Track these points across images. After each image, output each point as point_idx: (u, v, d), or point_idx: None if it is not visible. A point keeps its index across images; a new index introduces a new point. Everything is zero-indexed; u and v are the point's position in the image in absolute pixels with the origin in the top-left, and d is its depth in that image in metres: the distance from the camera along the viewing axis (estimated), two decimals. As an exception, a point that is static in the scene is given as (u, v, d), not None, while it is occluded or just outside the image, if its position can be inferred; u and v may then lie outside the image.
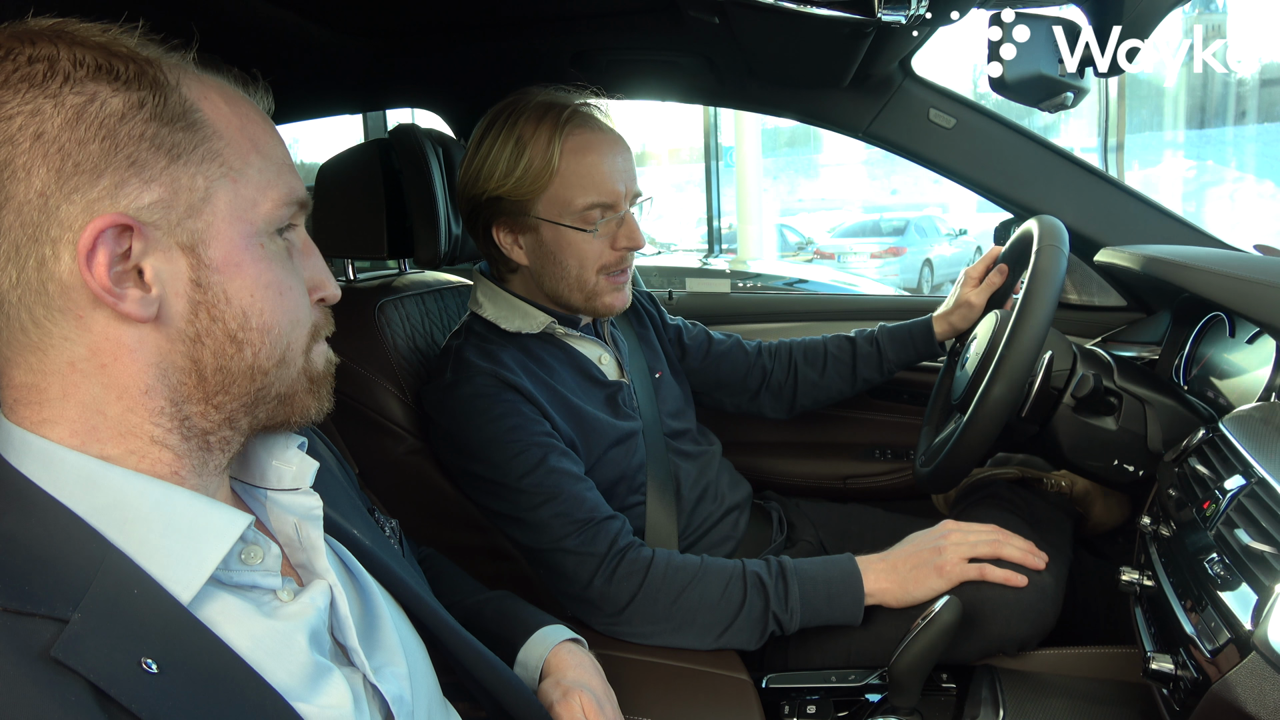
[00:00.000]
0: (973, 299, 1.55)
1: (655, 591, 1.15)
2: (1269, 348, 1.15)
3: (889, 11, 1.09)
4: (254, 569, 0.61)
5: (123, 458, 0.57)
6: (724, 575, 1.16)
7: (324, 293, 0.68)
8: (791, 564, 1.18)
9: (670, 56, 1.64)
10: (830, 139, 8.36)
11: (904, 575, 1.17)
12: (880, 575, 1.18)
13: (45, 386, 0.56)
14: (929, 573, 1.16)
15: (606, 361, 1.40)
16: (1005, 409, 1.15)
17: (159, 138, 0.56)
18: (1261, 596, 0.78)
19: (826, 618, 1.17)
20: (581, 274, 1.28)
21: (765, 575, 1.16)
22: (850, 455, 1.95)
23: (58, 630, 0.48)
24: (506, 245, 1.30)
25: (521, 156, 1.22)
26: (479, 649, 0.81)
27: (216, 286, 0.58)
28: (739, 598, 1.15)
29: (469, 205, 1.30)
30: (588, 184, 1.24)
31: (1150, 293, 1.70)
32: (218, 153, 0.59)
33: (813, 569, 1.18)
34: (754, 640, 1.16)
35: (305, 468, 0.68)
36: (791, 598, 1.15)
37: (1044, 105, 1.37)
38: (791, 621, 1.15)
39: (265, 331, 0.61)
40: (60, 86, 0.53)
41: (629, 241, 1.28)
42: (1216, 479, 0.97)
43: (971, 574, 1.16)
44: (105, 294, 0.54)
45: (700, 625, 1.15)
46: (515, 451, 1.19)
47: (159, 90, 0.56)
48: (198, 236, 0.57)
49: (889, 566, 1.18)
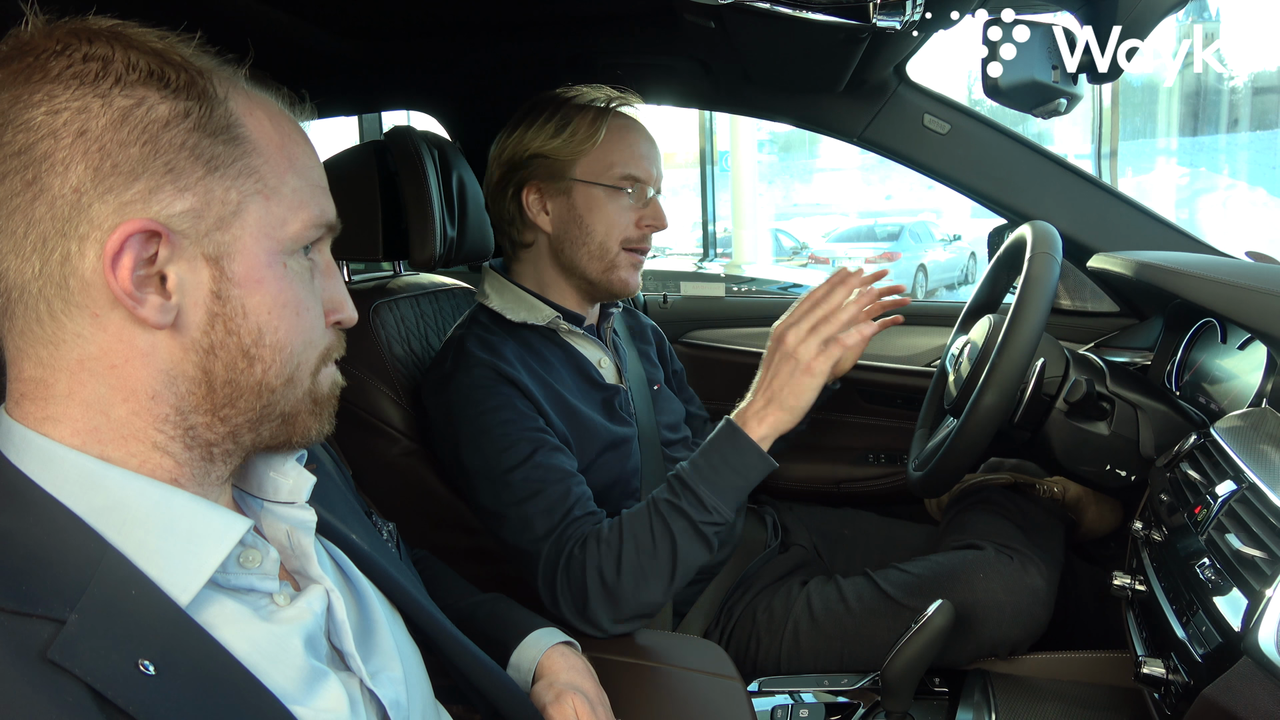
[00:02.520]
0: None
1: (599, 572, 1.11)
2: (1260, 354, 1.15)
3: (884, 17, 1.10)
4: (251, 572, 0.61)
5: (124, 460, 0.57)
6: (643, 521, 1.13)
7: (340, 315, 0.68)
8: (688, 470, 1.13)
9: (666, 60, 1.65)
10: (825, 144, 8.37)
11: (780, 397, 1.13)
12: (760, 415, 1.13)
13: (52, 382, 0.56)
14: (800, 378, 1.12)
15: (606, 365, 1.40)
16: (998, 414, 1.15)
17: (199, 148, 0.56)
18: (1252, 601, 0.79)
19: (746, 486, 1.13)
20: (606, 241, 1.32)
21: (673, 497, 1.12)
22: (844, 459, 1.95)
23: (55, 631, 0.47)
24: (534, 209, 1.33)
25: (568, 124, 1.30)
26: (474, 652, 0.81)
27: (236, 300, 0.58)
28: (665, 531, 1.11)
29: (504, 168, 1.34)
30: (627, 156, 1.32)
31: (1143, 298, 1.71)
32: (255, 169, 0.59)
33: (705, 458, 1.13)
34: (706, 552, 1.13)
35: (302, 482, 0.68)
36: (705, 498, 1.11)
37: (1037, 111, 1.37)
38: (720, 513, 1.11)
39: (278, 349, 0.61)
40: (111, 87, 0.54)
41: (654, 220, 1.35)
42: (1208, 484, 0.97)
43: (834, 353, 1.11)
44: (126, 297, 0.54)
45: (656, 574, 1.11)
46: (505, 444, 1.19)
47: (206, 101, 0.57)
48: (224, 249, 0.57)
49: (762, 401, 1.14)
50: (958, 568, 1.30)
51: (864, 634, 1.25)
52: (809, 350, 1.12)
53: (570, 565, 1.13)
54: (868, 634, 1.25)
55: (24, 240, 0.53)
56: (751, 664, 1.29)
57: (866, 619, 1.24)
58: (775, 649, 1.29)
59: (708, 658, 1.16)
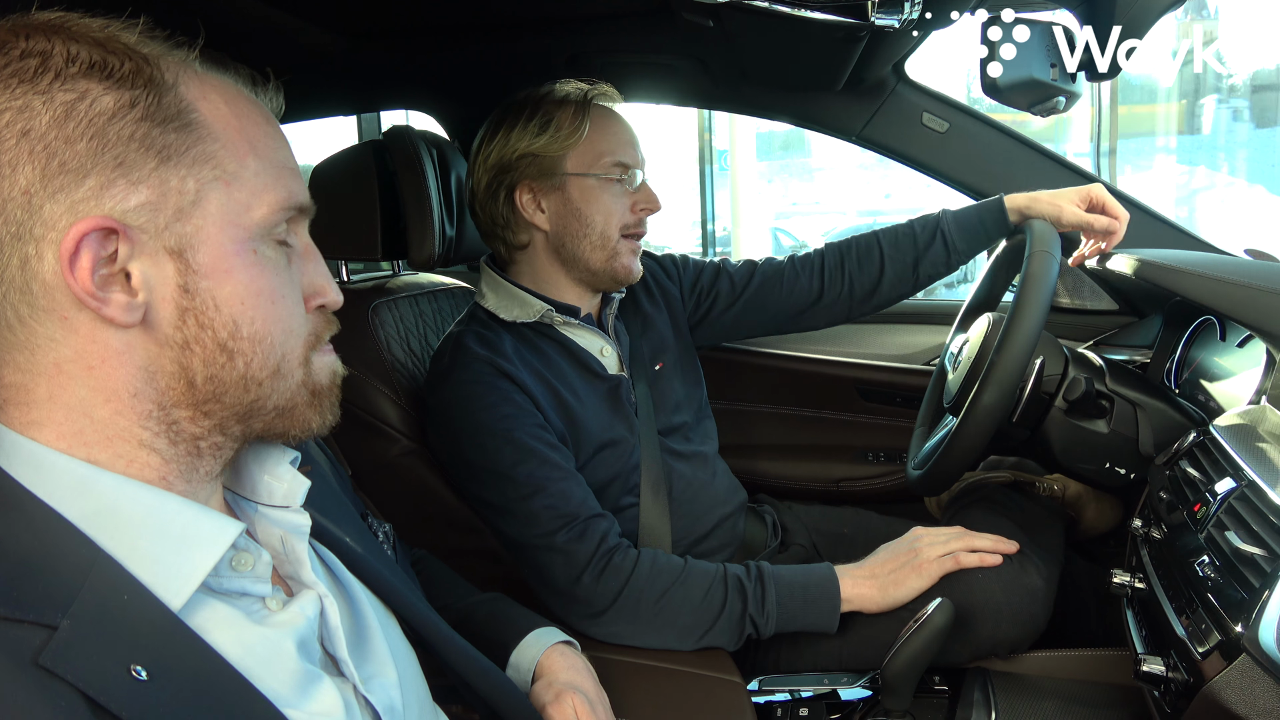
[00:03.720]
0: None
1: (639, 593, 1.15)
2: (1259, 351, 1.15)
3: (883, 16, 1.10)
4: (244, 576, 0.61)
5: (110, 461, 0.56)
6: (706, 578, 1.18)
7: (324, 299, 0.66)
8: (770, 569, 1.20)
9: (665, 59, 1.64)
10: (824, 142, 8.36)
11: (883, 579, 1.20)
12: (858, 581, 1.20)
13: (33, 387, 0.55)
14: (907, 573, 1.19)
15: (608, 353, 1.39)
16: (997, 412, 1.15)
17: (149, 138, 0.55)
18: (1251, 598, 0.79)
19: (802, 623, 1.19)
20: (606, 230, 1.32)
21: (745, 579, 1.18)
22: (843, 458, 1.95)
23: (47, 637, 0.47)
24: (529, 209, 1.32)
25: (551, 121, 1.30)
26: (471, 653, 0.81)
27: (205, 293, 0.57)
28: (720, 600, 1.16)
29: (491, 172, 1.33)
30: (614, 144, 1.33)
31: (1142, 297, 1.71)
32: (212, 155, 0.57)
33: (790, 575, 1.20)
34: (732, 642, 1.18)
35: (296, 486, 0.67)
36: (768, 602, 1.16)
37: (1036, 110, 1.37)
38: (767, 625, 1.17)
39: (257, 341, 0.59)
40: (51, 83, 0.52)
41: (648, 203, 1.35)
42: (1207, 482, 0.97)
43: (949, 565, 1.19)
44: (88, 297, 0.53)
45: (681, 627, 1.16)
46: (506, 440, 1.19)
47: (154, 89, 0.55)
48: (186, 241, 0.56)
49: (867, 573, 1.21)
50: (956, 567, 1.30)
51: (862, 632, 1.25)
52: (932, 554, 1.20)
53: (606, 569, 1.16)
54: (866, 632, 1.25)
55: None
56: (750, 663, 1.29)
57: (864, 618, 1.24)
58: (774, 648, 1.29)
59: (707, 657, 1.16)
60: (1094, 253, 1.47)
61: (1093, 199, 1.43)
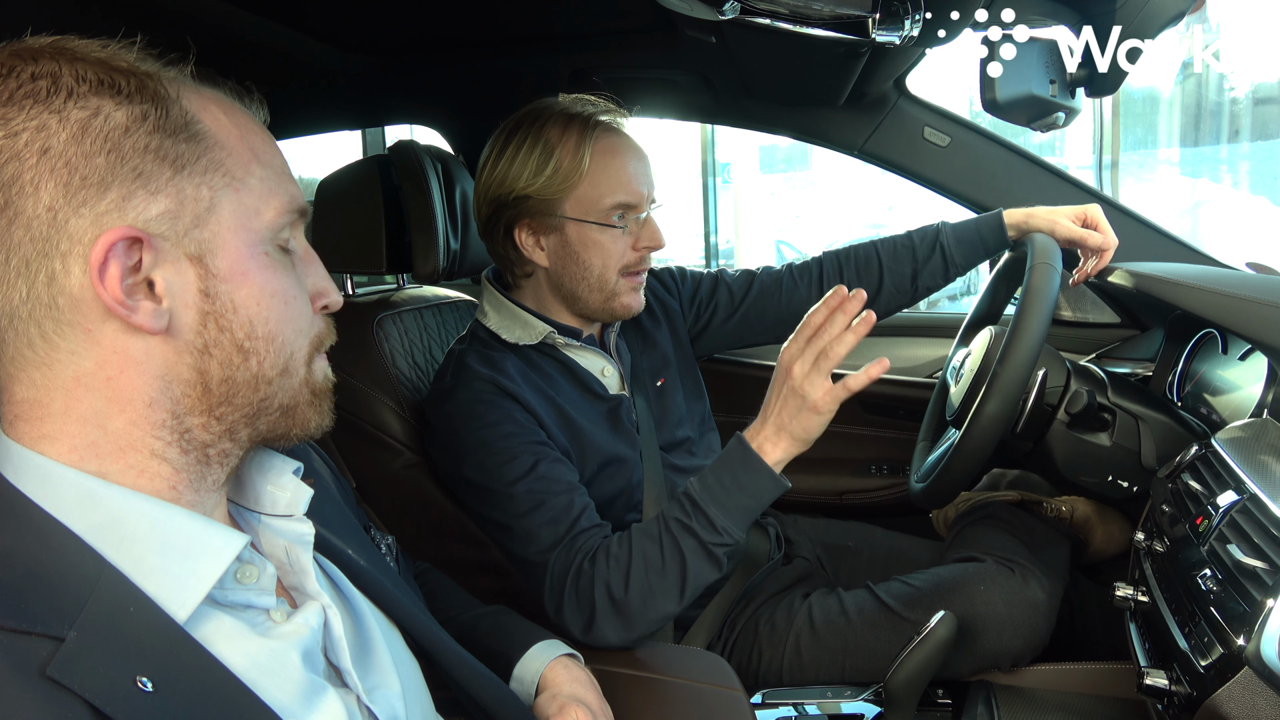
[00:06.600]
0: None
1: (608, 589, 1.12)
2: (1261, 365, 1.15)
3: (884, 32, 1.11)
4: (249, 588, 0.61)
5: (121, 473, 0.57)
6: (654, 538, 1.12)
7: (326, 300, 0.68)
8: (698, 488, 1.12)
9: (668, 74, 1.66)
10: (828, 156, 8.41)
11: (790, 429, 1.12)
12: (773, 441, 1.12)
13: (48, 402, 0.56)
14: (807, 415, 1.11)
15: (609, 374, 1.39)
16: (999, 425, 1.15)
17: (163, 149, 0.56)
18: (1254, 612, 0.79)
19: (758, 507, 1.13)
20: (604, 273, 1.29)
21: (683, 516, 1.12)
22: (847, 470, 1.95)
23: (54, 649, 0.48)
24: (528, 247, 1.30)
25: (550, 158, 1.24)
26: (474, 665, 0.81)
27: (224, 296, 0.58)
28: (675, 550, 1.11)
29: (491, 206, 1.30)
30: (615, 184, 1.26)
31: (1144, 309, 1.71)
32: (220, 163, 0.59)
33: (716, 477, 1.12)
34: (715, 571, 1.13)
35: (299, 495, 0.68)
36: (716, 519, 1.11)
37: (1035, 125, 1.38)
38: (730, 534, 1.11)
39: (270, 340, 0.61)
40: (64, 102, 0.53)
41: (651, 241, 1.31)
42: (1209, 495, 0.97)
43: (840, 395, 1.10)
44: (118, 306, 0.54)
45: (664, 595, 1.11)
46: (507, 457, 1.19)
47: (160, 103, 0.57)
48: (205, 246, 0.58)
49: (773, 429, 1.13)
50: (957, 580, 1.30)
51: (865, 646, 1.25)
52: (815, 389, 1.10)
53: (579, 580, 1.13)
54: (868, 646, 1.25)
55: (6, 267, 0.53)
56: (754, 676, 1.29)
57: (867, 631, 1.24)
58: (777, 661, 1.29)
59: (711, 670, 1.15)
60: (1082, 277, 1.49)
61: (1088, 218, 1.44)
